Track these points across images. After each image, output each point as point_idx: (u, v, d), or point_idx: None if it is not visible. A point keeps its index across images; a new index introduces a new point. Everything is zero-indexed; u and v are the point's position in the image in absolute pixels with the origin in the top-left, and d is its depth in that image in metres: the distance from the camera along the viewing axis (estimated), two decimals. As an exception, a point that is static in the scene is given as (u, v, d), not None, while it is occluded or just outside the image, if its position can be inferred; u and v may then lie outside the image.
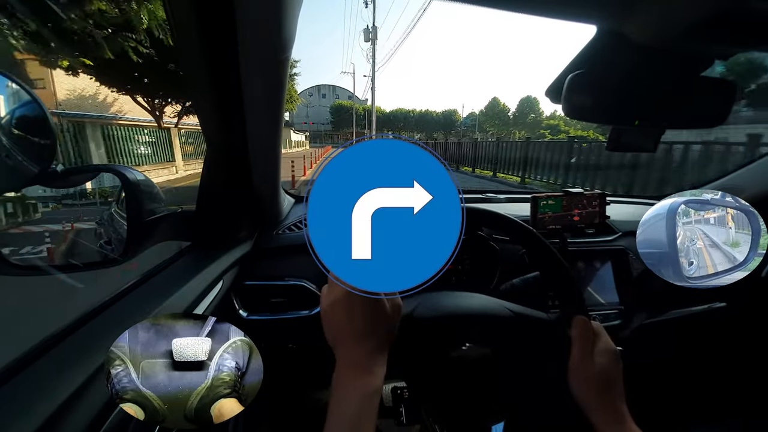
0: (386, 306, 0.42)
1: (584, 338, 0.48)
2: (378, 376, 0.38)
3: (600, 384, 0.45)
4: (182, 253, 0.71)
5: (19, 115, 0.45)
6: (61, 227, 0.63)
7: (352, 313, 0.41)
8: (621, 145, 0.45)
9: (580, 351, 0.47)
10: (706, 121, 0.40)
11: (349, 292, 0.41)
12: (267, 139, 0.66)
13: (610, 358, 0.46)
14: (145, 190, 0.60)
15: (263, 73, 0.52)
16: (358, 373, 0.38)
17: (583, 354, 0.47)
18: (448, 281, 0.90)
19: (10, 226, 0.82)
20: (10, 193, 0.51)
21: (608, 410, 0.44)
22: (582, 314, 0.49)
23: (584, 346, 0.47)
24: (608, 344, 0.47)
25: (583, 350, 0.47)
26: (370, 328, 0.41)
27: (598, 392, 0.45)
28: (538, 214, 0.88)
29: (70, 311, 0.46)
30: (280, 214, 0.94)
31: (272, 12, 0.42)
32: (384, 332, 0.42)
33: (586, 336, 0.48)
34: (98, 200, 0.64)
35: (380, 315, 0.42)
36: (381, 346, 0.41)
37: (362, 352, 0.39)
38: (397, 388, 0.62)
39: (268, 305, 0.81)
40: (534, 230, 0.52)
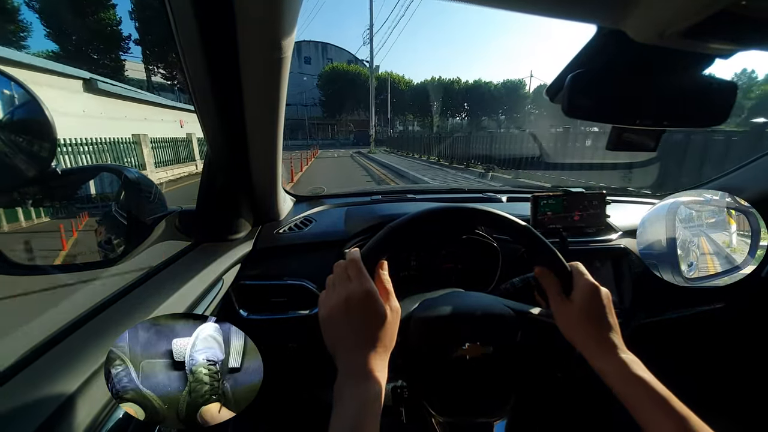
0: (385, 311, 0.42)
1: (550, 283, 0.50)
2: (379, 382, 0.38)
3: (584, 320, 0.46)
4: (182, 253, 0.71)
5: (19, 115, 0.45)
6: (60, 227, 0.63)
7: (351, 320, 0.41)
8: (621, 145, 0.46)
9: (552, 295, 0.50)
10: (707, 120, 0.40)
11: (347, 299, 0.41)
12: (267, 138, 0.66)
13: (592, 294, 0.47)
14: (144, 190, 0.60)
15: (263, 73, 0.52)
16: (359, 380, 0.38)
17: (555, 296, 0.49)
18: (449, 281, 0.90)
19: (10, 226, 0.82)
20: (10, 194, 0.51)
21: (598, 342, 0.45)
22: (550, 264, 0.50)
23: (552, 289, 0.50)
24: (587, 281, 0.48)
25: (554, 293, 0.49)
26: (369, 334, 0.41)
27: (583, 328, 0.46)
28: (539, 213, 0.88)
29: (70, 311, 0.46)
30: (280, 214, 0.94)
31: (272, 11, 0.42)
32: (384, 338, 0.41)
33: (551, 281, 0.50)
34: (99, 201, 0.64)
35: (379, 320, 0.41)
36: (381, 352, 0.41)
37: (362, 358, 0.39)
38: (397, 387, 0.63)
39: (268, 305, 0.81)
40: (500, 213, 0.52)
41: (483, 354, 0.53)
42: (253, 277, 0.80)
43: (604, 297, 0.47)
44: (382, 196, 1.20)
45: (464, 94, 40.06)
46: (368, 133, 31.96)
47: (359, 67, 37.50)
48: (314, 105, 39.88)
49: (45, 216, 0.58)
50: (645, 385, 0.40)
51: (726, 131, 4.17)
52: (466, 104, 41.35)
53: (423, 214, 0.51)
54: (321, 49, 48.07)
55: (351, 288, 0.42)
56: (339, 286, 0.43)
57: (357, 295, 0.41)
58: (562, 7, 0.30)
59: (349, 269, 0.44)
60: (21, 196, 0.52)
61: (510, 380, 0.57)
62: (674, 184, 3.55)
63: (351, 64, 38.54)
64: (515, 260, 0.90)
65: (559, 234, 0.89)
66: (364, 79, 34.02)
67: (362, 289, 0.42)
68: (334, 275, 0.45)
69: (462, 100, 40.63)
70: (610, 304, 0.47)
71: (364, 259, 0.45)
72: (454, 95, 39.89)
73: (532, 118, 41.42)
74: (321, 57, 46.94)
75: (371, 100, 22.88)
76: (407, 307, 0.57)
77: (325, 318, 0.42)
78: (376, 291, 0.43)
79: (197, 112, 0.60)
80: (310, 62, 45.94)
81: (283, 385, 0.93)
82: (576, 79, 0.36)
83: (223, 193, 0.74)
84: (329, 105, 38.21)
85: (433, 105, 40.23)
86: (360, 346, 0.40)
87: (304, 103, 40.62)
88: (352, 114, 39.90)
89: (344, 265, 0.45)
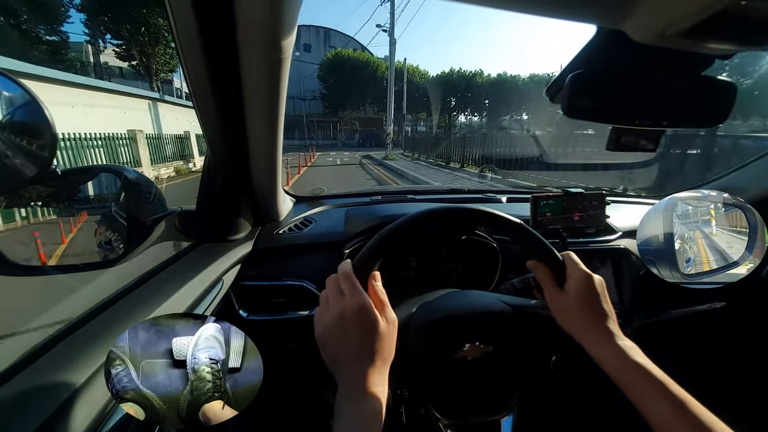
0: (381, 323, 0.41)
1: (544, 276, 0.50)
2: (379, 397, 0.38)
3: (579, 308, 0.46)
4: (182, 253, 0.71)
5: (19, 115, 0.45)
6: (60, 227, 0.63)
7: (347, 335, 0.40)
8: (621, 145, 0.46)
9: (547, 287, 0.50)
10: (707, 121, 0.40)
11: (341, 315, 0.40)
12: (267, 139, 0.66)
13: (585, 282, 0.47)
14: (144, 190, 0.60)
15: (263, 73, 0.52)
16: (358, 395, 0.37)
17: (550, 288, 0.49)
18: (449, 281, 0.90)
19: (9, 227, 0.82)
20: (10, 194, 0.51)
21: (594, 330, 0.45)
22: (541, 255, 0.50)
23: (547, 281, 0.50)
24: (580, 270, 0.48)
25: (549, 285, 0.49)
26: (366, 348, 0.40)
27: (579, 316, 0.46)
28: (538, 214, 0.88)
29: (70, 311, 0.46)
30: (279, 215, 0.94)
31: (272, 12, 0.42)
32: (382, 350, 0.41)
33: (545, 273, 0.50)
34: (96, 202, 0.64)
35: (376, 334, 0.41)
36: (380, 366, 0.40)
37: (361, 374, 0.39)
38: (397, 388, 0.63)
39: (268, 305, 0.81)
40: (493, 211, 0.51)
41: (483, 354, 0.53)
42: (253, 278, 0.80)
43: (598, 285, 0.47)
44: (381, 197, 1.20)
45: (487, 89, 33.01)
46: (375, 133, 26.54)
47: (368, 54, 31.36)
48: (314, 98, 33.07)
49: (45, 216, 0.58)
50: (642, 371, 0.40)
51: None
52: (486, 102, 34.35)
53: (409, 219, 0.50)
54: (323, 35, 40.17)
55: (344, 303, 0.41)
56: (333, 302, 0.42)
57: (351, 309, 0.40)
58: (561, 8, 0.30)
59: (342, 283, 0.43)
60: (22, 196, 0.52)
61: (512, 377, 0.57)
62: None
63: (357, 51, 31.47)
64: (515, 261, 0.90)
65: (558, 234, 0.89)
66: (373, 68, 29.62)
67: (356, 303, 0.41)
68: (327, 290, 0.44)
69: (485, 95, 33.40)
70: (604, 292, 0.47)
71: (356, 272, 0.44)
72: (476, 90, 32.84)
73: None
74: (323, 45, 39.05)
75: (390, 87, 14.94)
76: (405, 312, 0.56)
77: (321, 335, 0.42)
78: (370, 304, 0.42)
79: (197, 112, 0.60)
80: (310, 50, 38.33)
81: (283, 385, 0.93)
82: (576, 79, 0.36)
83: (223, 194, 0.74)
84: (331, 99, 31.88)
85: (450, 101, 32.96)
86: (358, 361, 0.40)
87: (303, 96, 33.09)
88: (357, 110, 34.17)
89: (336, 279, 0.44)
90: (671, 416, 0.36)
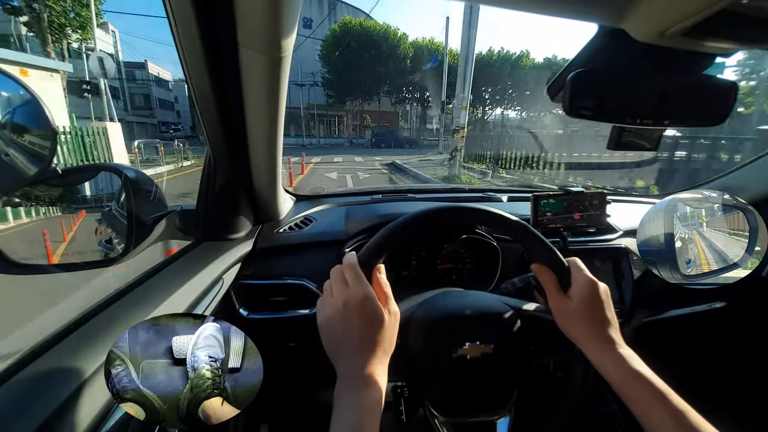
0: (384, 315, 0.42)
1: (548, 280, 0.49)
2: (379, 387, 0.38)
3: (582, 315, 0.46)
4: (182, 252, 0.71)
5: (19, 115, 0.45)
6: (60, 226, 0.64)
7: (349, 324, 0.40)
8: (621, 144, 0.46)
9: (550, 291, 0.49)
10: (707, 120, 0.40)
11: (345, 304, 0.41)
12: (267, 137, 0.66)
13: (589, 289, 0.47)
14: (145, 189, 0.60)
15: (263, 72, 0.52)
16: (358, 385, 0.38)
17: (554, 292, 0.49)
18: (449, 280, 0.90)
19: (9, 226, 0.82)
20: (10, 194, 0.51)
21: (596, 337, 0.45)
22: (546, 260, 0.50)
23: (550, 286, 0.49)
24: (585, 276, 0.48)
25: (552, 290, 0.49)
26: (368, 338, 0.40)
27: (582, 323, 0.46)
28: (539, 213, 0.88)
29: (70, 310, 0.46)
30: (280, 213, 0.94)
31: (272, 11, 0.42)
32: (383, 342, 0.41)
33: (549, 277, 0.49)
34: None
35: (378, 325, 0.41)
36: (381, 356, 0.41)
37: (362, 363, 0.39)
38: (397, 386, 0.63)
39: (268, 304, 0.81)
40: (494, 210, 0.51)
41: (483, 354, 0.53)
42: (253, 277, 0.80)
43: (603, 292, 0.47)
44: (382, 196, 1.20)
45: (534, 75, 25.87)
46: (391, 130, 19.79)
47: (386, 26, 23.49)
48: (314, 85, 25.83)
49: (48, 214, 0.58)
50: (643, 380, 0.40)
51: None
52: (527, 92, 27.43)
53: (419, 215, 0.50)
54: (328, 6, 30.90)
55: (348, 293, 0.41)
56: (336, 291, 0.43)
57: (355, 299, 0.41)
58: (563, 7, 0.30)
59: (346, 274, 0.43)
60: (22, 195, 0.52)
61: (511, 378, 0.57)
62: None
63: (372, 21, 24.25)
64: (515, 260, 0.90)
65: (559, 233, 0.89)
66: (393, 42, 22.50)
67: (360, 293, 0.41)
68: (331, 280, 0.45)
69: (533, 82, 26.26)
70: (608, 300, 0.47)
71: (361, 263, 0.44)
72: (521, 76, 25.97)
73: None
74: (328, 19, 29.83)
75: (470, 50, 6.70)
76: (406, 308, 0.56)
77: (323, 324, 0.42)
78: (374, 295, 0.42)
79: (197, 112, 0.60)
80: (310, 25, 29.01)
81: (283, 384, 0.93)
82: (577, 78, 0.36)
83: (224, 193, 0.74)
84: (337, 85, 24.00)
85: (485, 91, 26.05)
86: (359, 350, 0.40)
87: (300, 81, 25.70)
88: (369, 101, 26.37)
89: (341, 269, 0.44)
90: (671, 427, 0.36)
